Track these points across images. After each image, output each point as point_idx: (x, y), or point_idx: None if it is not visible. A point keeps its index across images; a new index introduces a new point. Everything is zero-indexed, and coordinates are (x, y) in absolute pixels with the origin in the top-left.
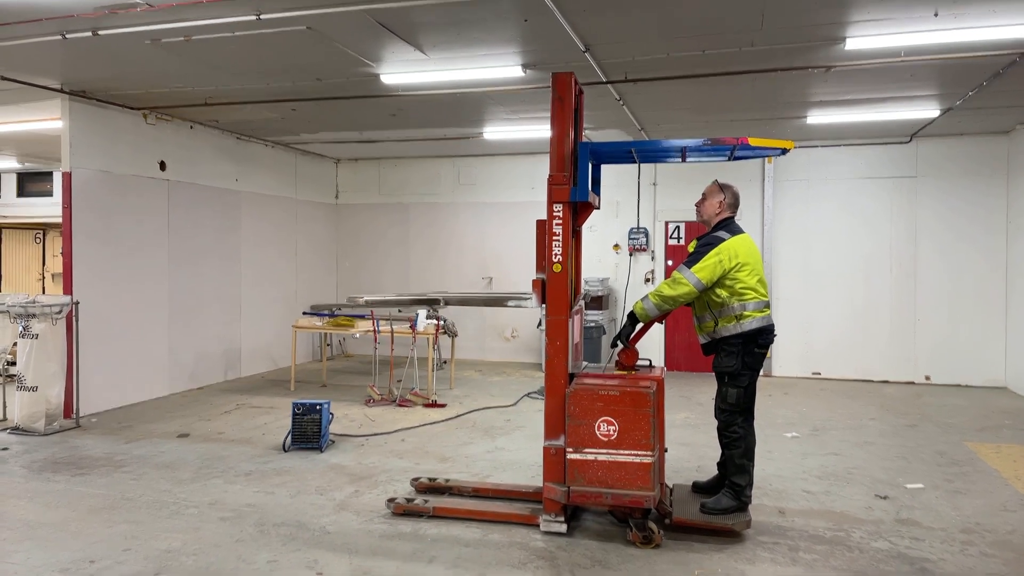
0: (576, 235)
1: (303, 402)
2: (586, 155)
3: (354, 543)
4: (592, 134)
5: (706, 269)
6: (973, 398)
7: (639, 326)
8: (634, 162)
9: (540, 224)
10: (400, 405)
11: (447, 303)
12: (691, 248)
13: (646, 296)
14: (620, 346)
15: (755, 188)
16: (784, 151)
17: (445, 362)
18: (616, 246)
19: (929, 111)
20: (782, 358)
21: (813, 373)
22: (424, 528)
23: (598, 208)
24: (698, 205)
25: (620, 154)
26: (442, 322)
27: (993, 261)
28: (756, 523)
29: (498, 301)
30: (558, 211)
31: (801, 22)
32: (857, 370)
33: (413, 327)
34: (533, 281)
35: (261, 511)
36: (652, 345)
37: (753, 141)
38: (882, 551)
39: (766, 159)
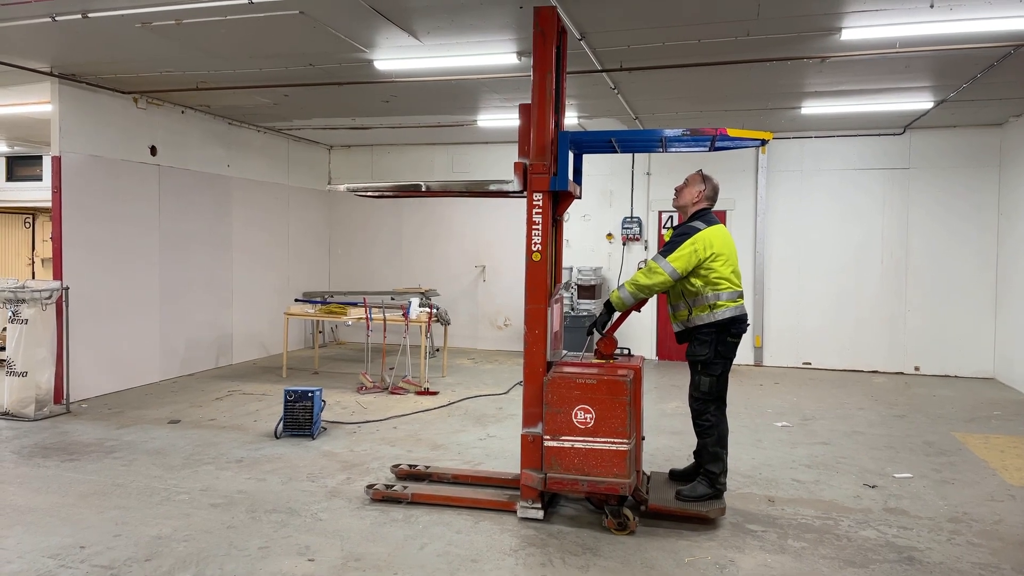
0: (557, 224)
1: (295, 389)
2: (566, 144)
3: (346, 530)
4: (587, 123)
5: (681, 259)
6: (962, 389)
7: (616, 315)
8: (615, 151)
9: (524, 108)
10: (392, 393)
11: (429, 189)
12: (667, 237)
13: (622, 285)
14: (598, 335)
15: (748, 178)
16: (763, 142)
17: (438, 350)
18: (610, 235)
19: (923, 103)
20: (773, 348)
21: (804, 363)
22: (416, 515)
23: (579, 198)
24: (678, 190)
25: (600, 143)
26: (435, 310)
27: (983, 253)
28: (746, 511)
29: (479, 186)
30: (538, 200)
31: (797, 12)
32: (847, 360)
33: (406, 315)
34: (515, 164)
35: (252, 497)
36: (644, 335)
37: (732, 132)
38: (870, 539)
39: (760, 149)
